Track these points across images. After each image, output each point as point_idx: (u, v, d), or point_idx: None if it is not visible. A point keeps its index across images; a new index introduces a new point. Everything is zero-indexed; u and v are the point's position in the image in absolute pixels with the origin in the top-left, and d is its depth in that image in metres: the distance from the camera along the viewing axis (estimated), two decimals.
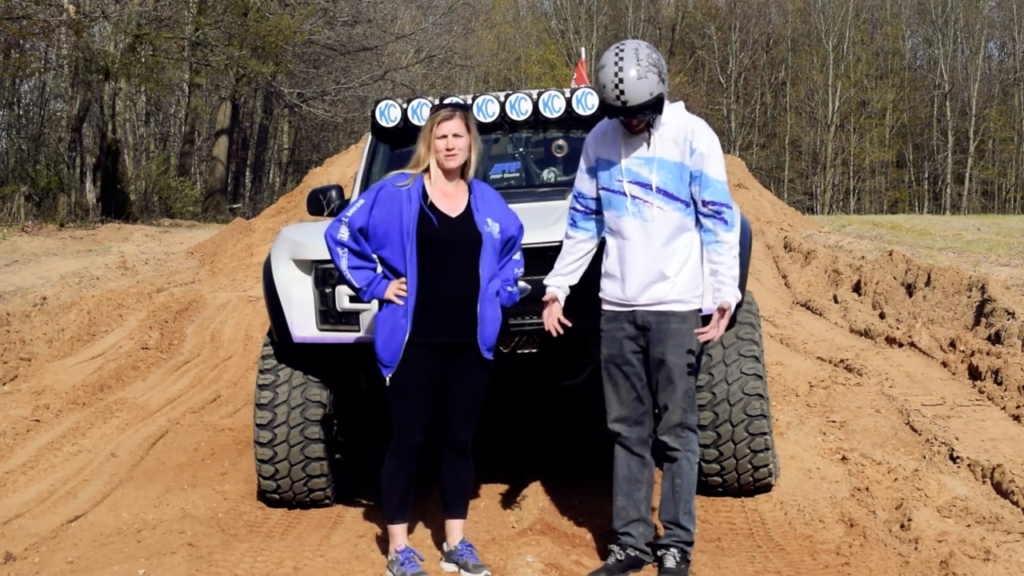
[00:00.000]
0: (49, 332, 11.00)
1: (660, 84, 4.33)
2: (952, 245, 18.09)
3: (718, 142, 4.54)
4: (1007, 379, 7.99)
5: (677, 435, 4.53)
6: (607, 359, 4.62)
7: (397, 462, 4.63)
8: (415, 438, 4.60)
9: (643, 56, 4.31)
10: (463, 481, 4.75)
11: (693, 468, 4.58)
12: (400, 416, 4.60)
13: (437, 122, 4.54)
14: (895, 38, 54.81)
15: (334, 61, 36.26)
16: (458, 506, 4.76)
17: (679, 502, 4.55)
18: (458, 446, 4.68)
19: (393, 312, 4.52)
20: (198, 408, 8.31)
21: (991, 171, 51.11)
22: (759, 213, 22.34)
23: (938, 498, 5.46)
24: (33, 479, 6.53)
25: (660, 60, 4.38)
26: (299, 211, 19.27)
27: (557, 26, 54.22)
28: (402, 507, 4.67)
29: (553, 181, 6.71)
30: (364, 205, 4.54)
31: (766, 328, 11.05)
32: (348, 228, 4.51)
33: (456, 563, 4.67)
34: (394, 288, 4.51)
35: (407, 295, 4.50)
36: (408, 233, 4.49)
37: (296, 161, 43.63)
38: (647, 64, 4.30)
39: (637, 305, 4.51)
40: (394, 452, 4.64)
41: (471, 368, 4.59)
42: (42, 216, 22.29)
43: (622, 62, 4.31)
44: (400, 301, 4.50)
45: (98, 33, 27.03)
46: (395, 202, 4.52)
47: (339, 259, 4.53)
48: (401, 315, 4.51)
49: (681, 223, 4.48)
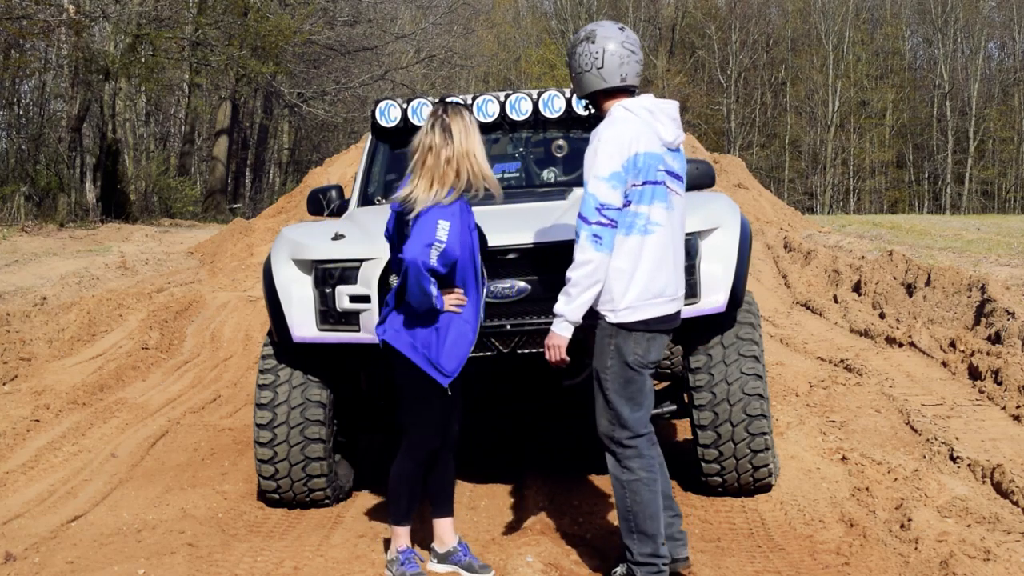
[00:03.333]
0: (49, 332, 11.00)
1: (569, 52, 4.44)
2: (952, 245, 18.09)
3: (605, 148, 4.36)
4: (1007, 379, 7.99)
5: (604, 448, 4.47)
6: (654, 362, 4.37)
7: (414, 467, 4.57)
8: (435, 442, 4.57)
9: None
10: (451, 479, 4.75)
11: (623, 487, 4.40)
12: (427, 420, 4.52)
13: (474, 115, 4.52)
14: (895, 38, 54.83)
15: (334, 61, 36.24)
16: (448, 504, 4.75)
17: (621, 521, 4.44)
18: (451, 444, 4.68)
19: (454, 320, 4.41)
20: (198, 408, 8.31)
21: (991, 171, 51.11)
22: (759, 213, 22.34)
23: (938, 498, 5.46)
24: (33, 479, 6.53)
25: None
26: (299, 211, 19.28)
27: (557, 26, 54.23)
28: (411, 509, 4.64)
29: (553, 181, 6.72)
30: (454, 230, 4.31)
31: (766, 328, 11.05)
32: (441, 255, 4.27)
33: (458, 564, 4.64)
34: (454, 299, 4.40)
35: (466, 304, 4.43)
36: (474, 248, 4.44)
37: (296, 161, 43.63)
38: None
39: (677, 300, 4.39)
40: (412, 457, 4.56)
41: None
42: (42, 216, 22.28)
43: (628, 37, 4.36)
44: (459, 311, 4.42)
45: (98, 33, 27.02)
46: (463, 218, 4.42)
47: (430, 284, 4.29)
48: (463, 324, 4.42)
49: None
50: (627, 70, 4.33)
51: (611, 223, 4.19)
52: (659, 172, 4.29)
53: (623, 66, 4.32)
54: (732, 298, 5.19)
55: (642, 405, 4.34)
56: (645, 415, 4.36)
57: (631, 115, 4.30)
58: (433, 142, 4.40)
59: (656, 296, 4.29)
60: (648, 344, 4.30)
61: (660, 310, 4.31)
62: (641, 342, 4.29)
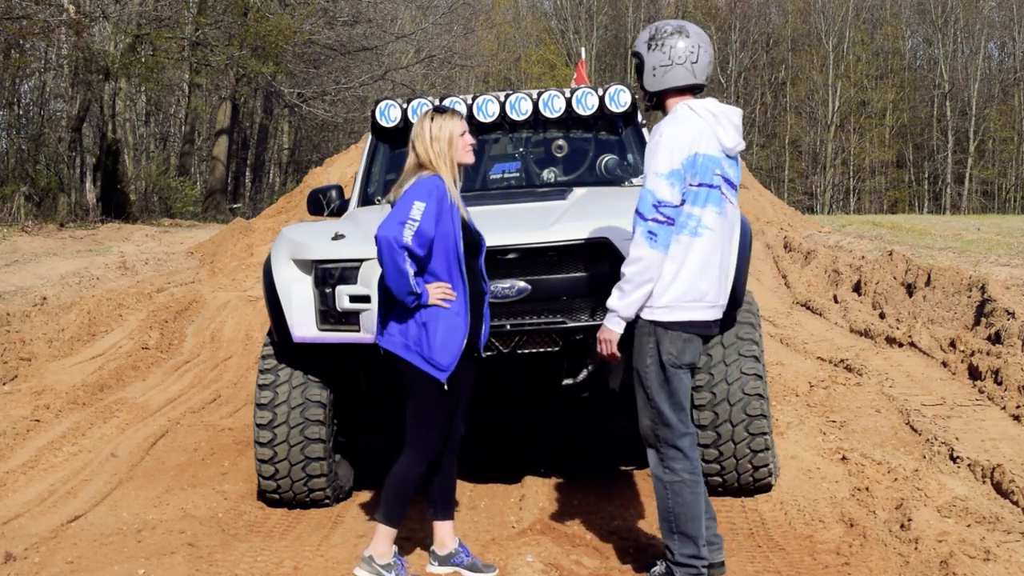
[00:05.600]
0: (49, 332, 11.00)
1: (643, 45, 4.37)
2: (952, 245, 18.09)
3: (663, 146, 4.34)
4: (1007, 379, 7.99)
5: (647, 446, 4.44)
6: (689, 364, 4.35)
7: (420, 470, 4.49)
8: (439, 444, 4.51)
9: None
10: (453, 482, 4.72)
11: (666, 488, 4.36)
12: (434, 420, 4.45)
13: (457, 120, 4.46)
14: (895, 38, 54.83)
15: (334, 61, 36.24)
16: (450, 507, 4.72)
17: (661, 521, 4.41)
18: (455, 444, 4.66)
19: (443, 315, 4.36)
20: (198, 408, 8.31)
21: (991, 171, 51.11)
22: (759, 213, 22.33)
23: (938, 498, 5.46)
24: (33, 479, 6.53)
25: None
26: (299, 211, 19.27)
27: (557, 26, 54.22)
28: (405, 513, 4.59)
29: (553, 181, 6.72)
30: (429, 210, 4.28)
31: (766, 328, 11.04)
32: (416, 235, 4.24)
33: (460, 566, 4.62)
34: (440, 292, 4.36)
35: (455, 298, 4.38)
36: (456, 241, 4.38)
37: (296, 161, 43.63)
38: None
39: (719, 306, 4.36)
40: (420, 461, 4.47)
41: (468, 367, 4.55)
42: (42, 216, 22.28)
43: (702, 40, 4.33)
44: (447, 305, 4.37)
45: (98, 33, 27.02)
46: (443, 207, 4.36)
47: (404, 263, 4.23)
48: (454, 317, 4.37)
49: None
50: (710, 71, 4.37)
51: (668, 221, 4.15)
52: (715, 176, 4.27)
53: (709, 66, 4.35)
54: (732, 298, 5.18)
55: (682, 405, 4.32)
56: (686, 415, 4.34)
57: (695, 115, 4.28)
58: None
59: (696, 300, 4.26)
60: (684, 345, 4.27)
61: (698, 315, 4.27)
62: (677, 342, 4.26)
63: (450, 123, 4.44)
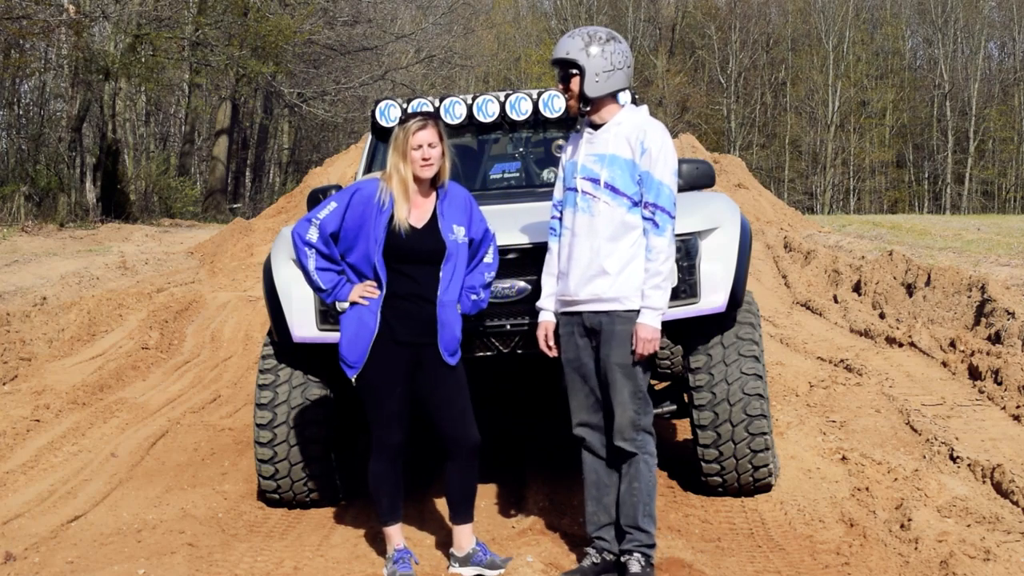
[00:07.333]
0: (49, 332, 11.00)
1: (581, 52, 4.43)
2: (952, 245, 18.09)
3: (671, 146, 4.49)
4: (1007, 379, 7.99)
5: (630, 437, 4.47)
6: (566, 363, 4.61)
7: (382, 465, 4.63)
8: (394, 436, 4.60)
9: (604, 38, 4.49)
10: (472, 485, 4.71)
11: (651, 470, 4.50)
12: (376, 416, 4.60)
13: (412, 132, 4.50)
14: (895, 38, 54.84)
15: (334, 61, 36.23)
16: (469, 511, 4.71)
17: (638, 505, 4.47)
18: (467, 448, 4.63)
19: (359, 312, 4.52)
20: (198, 408, 8.31)
21: (991, 171, 51.13)
22: (759, 213, 22.34)
23: (938, 498, 5.46)
24: (33, 479, 6.53)
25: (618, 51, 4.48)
26: (299, 211, 19.27)
27: (557, 26, 54.22)
28: (393, 509, 4.64)
29: (553, 181, 6.71)
30: (337, 208, 4.52)
31: (766, 328, 11.04)
32: (318, 230, 4.50)
33: (480, 564, 4.63)
34: (360, 290, 4.52)
35: (375, 298, 4.50)
36: (376, 242, 4.48)
37: (296, 161, 43.62)
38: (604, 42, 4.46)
39: (580, 302, 4.50)
40: (378, 455, 4.63)
41: (439, 371, 4.58)
42: (42, 216, 22.27)
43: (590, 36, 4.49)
44: (366, 303, 4.51)
45: (98, 33, 27.01)
46: (367, 208, 4.50)
47: (306, 259, 4.53)
48: (367, 314, 4.51)
49: (626, 220, 4.43)
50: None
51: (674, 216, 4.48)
52: None
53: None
54: (732, 298, 5.19)
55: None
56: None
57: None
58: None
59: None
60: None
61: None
62: None
63: (403, 134, 4.54)
